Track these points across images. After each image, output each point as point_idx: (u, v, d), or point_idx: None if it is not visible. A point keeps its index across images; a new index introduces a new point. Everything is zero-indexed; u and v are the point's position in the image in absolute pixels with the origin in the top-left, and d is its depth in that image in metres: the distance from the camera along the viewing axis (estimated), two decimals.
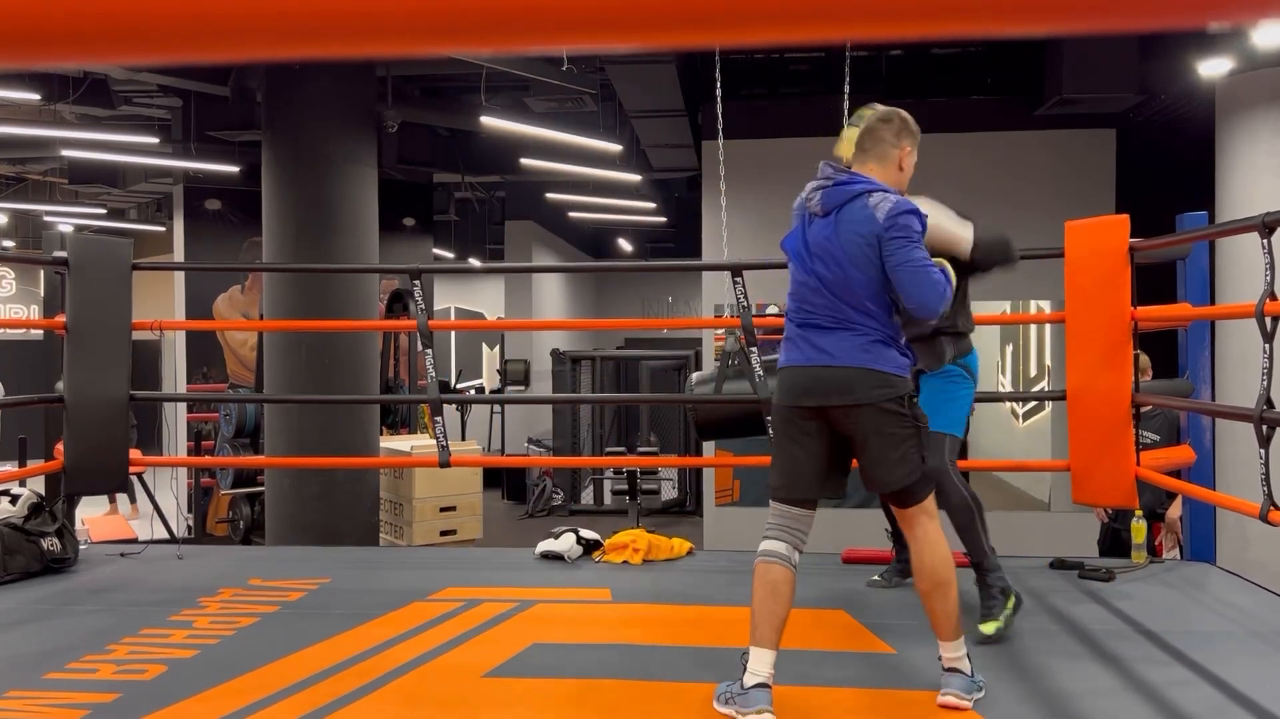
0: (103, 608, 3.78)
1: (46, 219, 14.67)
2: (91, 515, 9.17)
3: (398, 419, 11.12)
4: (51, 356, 4.80)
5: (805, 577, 4.18)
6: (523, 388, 14.22)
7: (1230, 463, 5.81)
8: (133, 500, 8.91)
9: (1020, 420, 10.50)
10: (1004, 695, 2.82)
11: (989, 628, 3.27)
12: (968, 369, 3.56)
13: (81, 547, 4.53)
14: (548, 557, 4.47)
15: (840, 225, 2.82)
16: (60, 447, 4.61)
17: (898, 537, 3.81)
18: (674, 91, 8.38)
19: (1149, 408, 4.39)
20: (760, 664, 2.68)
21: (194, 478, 10.40)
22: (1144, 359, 4.45)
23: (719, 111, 6.35)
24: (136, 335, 4.85)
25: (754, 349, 4.55)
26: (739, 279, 4.56)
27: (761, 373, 4.49)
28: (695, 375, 5.11)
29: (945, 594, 2.78)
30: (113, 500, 10.69)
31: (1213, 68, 6.72)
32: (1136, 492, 4.17)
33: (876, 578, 3.98)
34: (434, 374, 4.72)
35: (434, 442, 4.90)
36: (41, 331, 5.36)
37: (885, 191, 2.82)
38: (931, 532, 2.82)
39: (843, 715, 2.73)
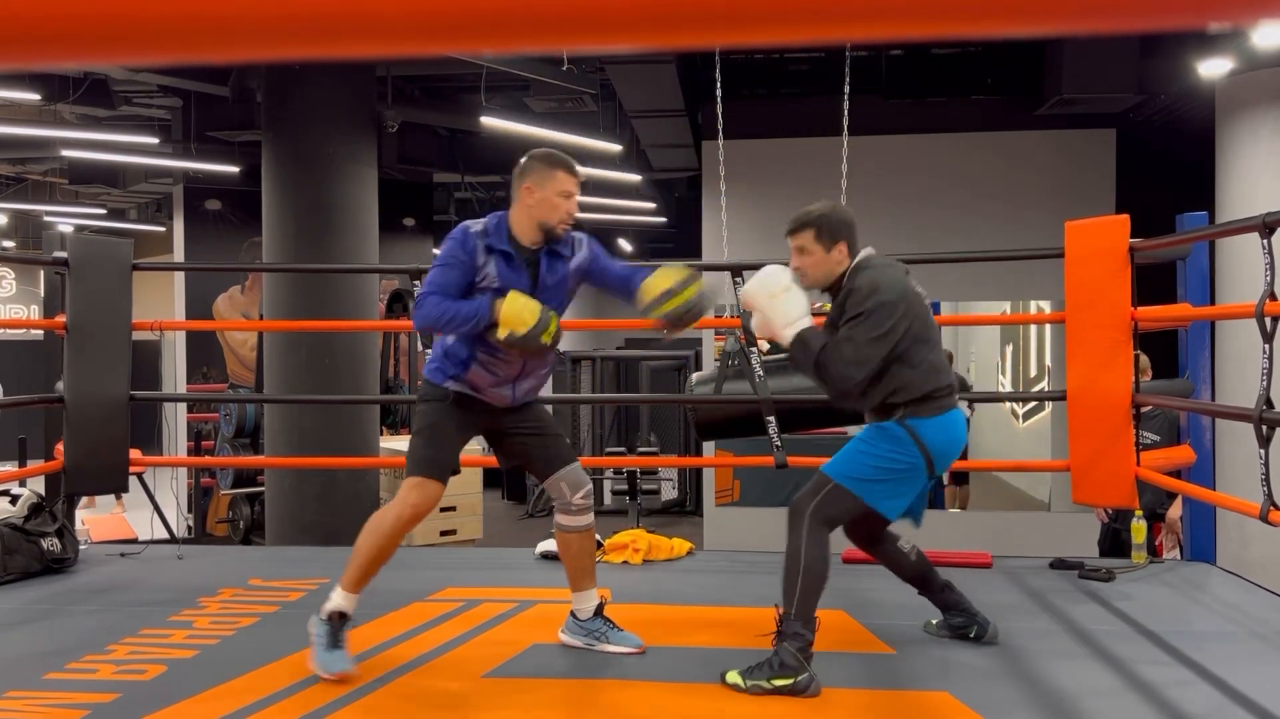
0: (103, 608, 3.77)
1: (46, 219, 14.67)
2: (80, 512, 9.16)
3: (398, 419, 11.12)
4: (51, 357, 4.79)
5: None
6: None
7: (1230, 463, 5.81)
8: (118, 496, 8.91)
9: (1020, 420, 10.50)
10: (1004, 695, 2.82)
11: (732, 676, 2.89)
12: (914, 436, 2.95)
13: (81, 547, 4.53)
14: (548, 557, 4.46)
15: None
16: (60, 447, 4.61)
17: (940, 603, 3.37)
18: (674, 91, 8.37)
19: (1149, 408, 4.39)
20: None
21: (194, 478, 10.40)
22: (1144, 359, 4.45)
23: (719, 111, 6.35)
24: (136, 335, 4.85)
25: (754, 349, 4.55)
26: (739, 279, 4.56)
27: (761, 373, 4.49)
28: (695, 375, 5.12)
29: (363, 542, 3.07)
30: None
31: (1213, 68, 6.72)
32: (1137, 492, 4.17)
33: (933, 623, 3.42)
34: None
35: None
36: (41, 331, 5.35)
37: (480, 220, 3.15)
38: (395, 506, 3.06)
39: (843, 715, 2.73)
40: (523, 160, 3.15)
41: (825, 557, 2.96)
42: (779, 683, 2.84)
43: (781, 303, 3.05)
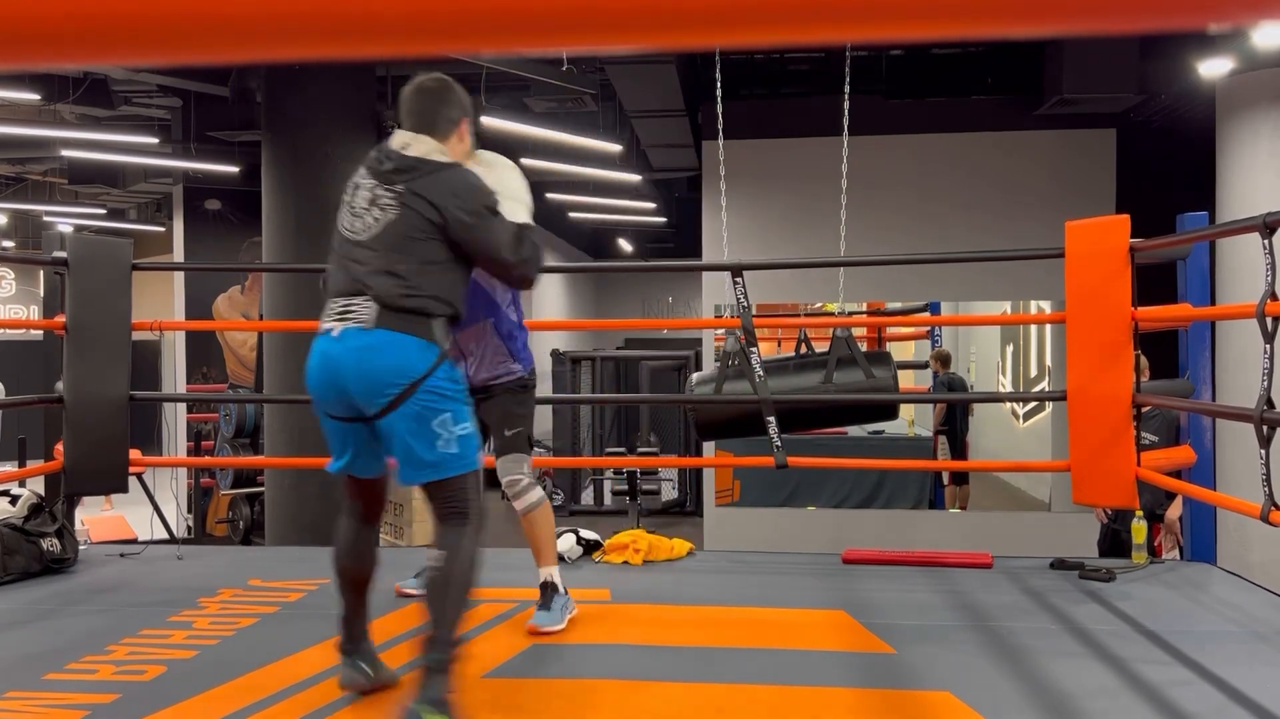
0: (102, 608, 3.77)
1: (46, 219, 14.67)
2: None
3: None
4: (51, 357, 4.79)
5: (805, 577, 4.20)
6: None
7: (1230, 463, 5.81)
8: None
9: (1020, 420, 10.50)
10: (1004, 695, 2.82)
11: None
12: (454, 382, 2.65)
13: (81, 547, 4.53)
14: None
15: None
16: (60, 447, 4.61)
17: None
18: (674, 91, 8.38)
19: (1148, 409, 4.39)
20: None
21: (194, 478, 10.41)
22: (1142, 360, 4.46)
23: (719, 111, 6.35)
24: (136, 335, 4.85)
25: (754, 349, 4.54)
26: (739, 279, 4.56)
27: (761, 373, 4.49)
28: (695, 375, 5.12)
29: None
30: None
31: (1213, 68, 6.73)
32: (1137, 492, 4.17)
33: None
34: None
35: None
36: (41, 331, 5.36)
37: None
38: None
39: (843, 715, 2.73)
40: None
41: (339, 549, 3.03)
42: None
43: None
